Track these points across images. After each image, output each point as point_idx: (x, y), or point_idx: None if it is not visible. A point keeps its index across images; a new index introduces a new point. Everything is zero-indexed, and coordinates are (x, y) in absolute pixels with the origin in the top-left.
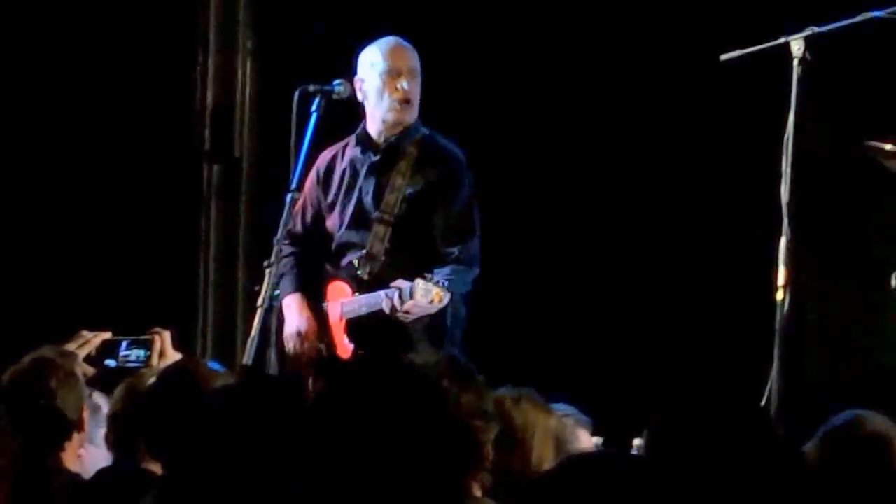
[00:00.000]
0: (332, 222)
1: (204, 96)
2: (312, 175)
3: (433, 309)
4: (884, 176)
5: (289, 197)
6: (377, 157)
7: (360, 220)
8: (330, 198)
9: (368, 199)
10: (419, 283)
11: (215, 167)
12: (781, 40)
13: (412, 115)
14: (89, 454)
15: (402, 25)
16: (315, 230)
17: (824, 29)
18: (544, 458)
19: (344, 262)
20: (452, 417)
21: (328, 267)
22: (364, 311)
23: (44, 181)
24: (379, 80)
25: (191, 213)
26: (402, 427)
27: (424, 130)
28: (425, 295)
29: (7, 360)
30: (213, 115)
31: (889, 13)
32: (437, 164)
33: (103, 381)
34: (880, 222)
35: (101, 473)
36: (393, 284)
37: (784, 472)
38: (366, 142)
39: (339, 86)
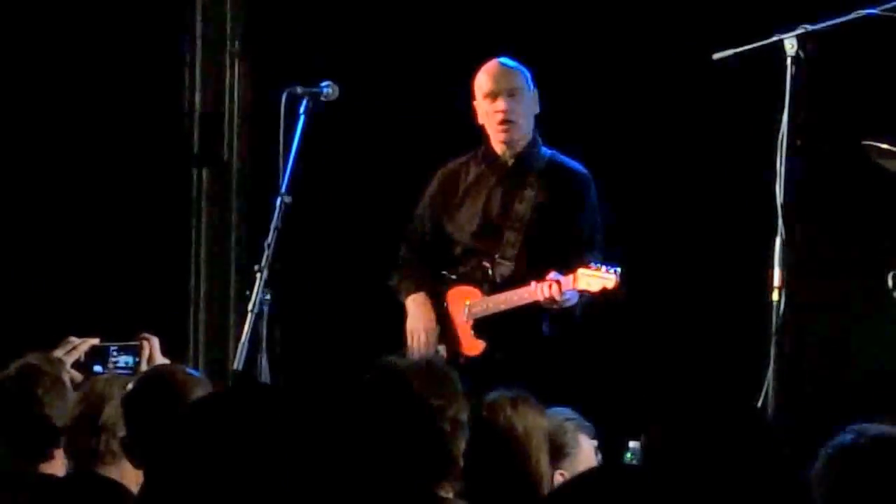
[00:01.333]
0: (454, 231)
1: (192, 100)
2: (432, 189)
3: (573, 300)
4: (880, 175)
5: (279, 200)
6: (504, 173)
7: (487, 230)
8: (452, 209)
9: (496, 211)
10: (581, 272)
11: (204, 171)
12: (775, 39)
13: (518, 132)
14: None
15: (390, 26)
16: (434, 240)
17: (818, 27)
18: (542, 461)
19: (469, 267)
20: (423, 422)
21: (446, 273)
22: (503, 307)
23: (33, 186)
24: (483, 102)
25: (181, 217)
26: (372, 430)
27: (548, 151)
28: (591, 281)
29: None
30: (202, 118)
31: (883, 11)
32: (565, 180)
33: None
34: (876, 222)
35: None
36: (549, 277)
37: (781, 481)
38: (491, 159)
39: (326, 88)
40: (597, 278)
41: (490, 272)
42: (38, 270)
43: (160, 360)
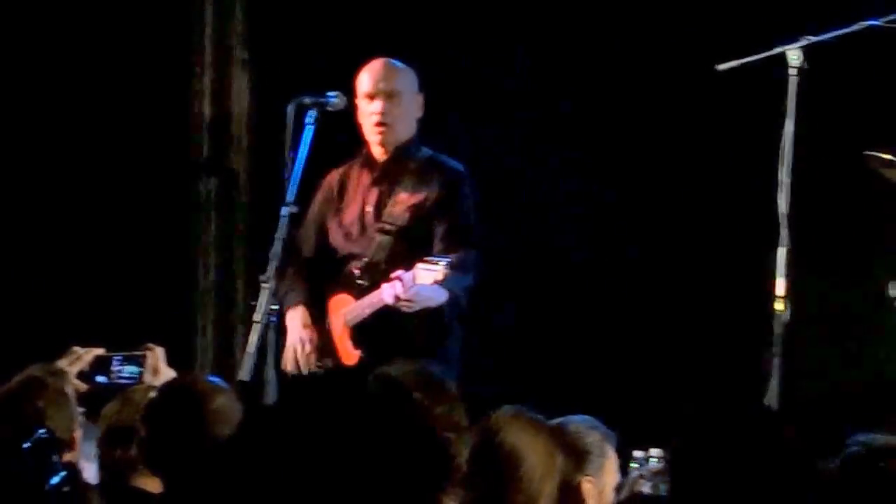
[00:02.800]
0: (334, 239)
1: (200, 109)
2: (318, 196)
3: (435, 297)
4: (882, 185)
5: (285, 210)
6: (378, 174)
7: (361, 233)
8: (336, 214)
9: (370, 213)
10: (419, 266)
11: (212, 180)
12: (778, 50)
13: (394, 135)
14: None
15: (397, 37)
16: (320, 251)
17: (821, 38)
18: (537, 480)
19: (344, 272)
20: (424, 430)
21: (328, 284)
22: (368, 312)
23: (40, 194)
24: (361, 102)
25: (188, 226)
26: (374, 440)
27: (427, 151)
28: (428, 275)
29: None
30: (210, 127)
31: (886, 22)
32: (440, 178)
33: (95, 397)
34: (879, 231)
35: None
36: (392, 276)
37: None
38: (367, 161)
39: (334, 98)
40: (429, 271)
41: (358, 277)
42: (43, 280)
43: (165, 370)
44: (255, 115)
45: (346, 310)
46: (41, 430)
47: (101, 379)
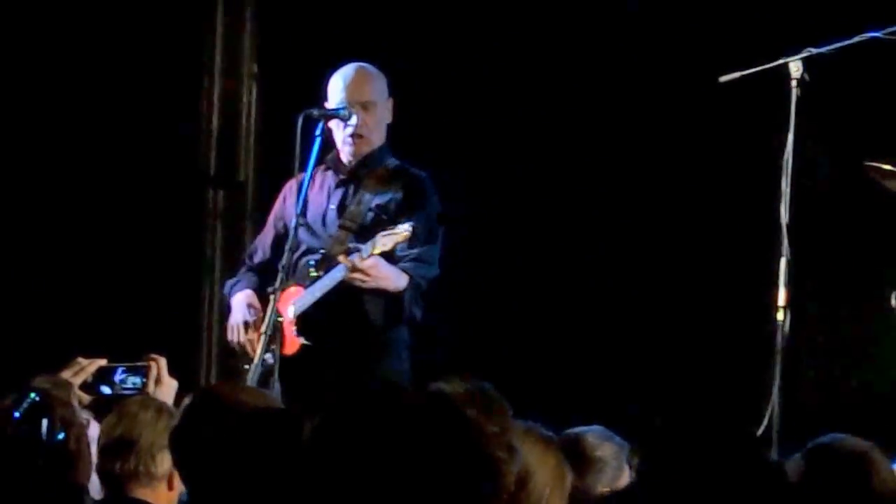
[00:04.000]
0: (298, 237)
1: (209, 121)
2: (279, 201)
3: (393, 278)
4: (883, 196)
5: (293, 222)
6: (344, 176)
7: (322, 230)
8: (299, 209)
9: (332, 211)
10: (379, 234)
11: (220, 192)
12: (780, 62)
13: (368, 146)
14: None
15: (401, 49)
16: (276, 254)
17: (822, 50)
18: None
19: (299, 265)
20: (477, 448)
21: (283, 277)
22: (318, 294)
23: (48, 205)
24: (329, 102)
25: (196, 238)
26: (424, 456)
27: (394, 161)
28: (389, 239)
29: (5, 387)
30: (218, 139)
31: (887, 34)
32: (405, 181)
33: (98, 408)
34: (880, 242)
35: None
36: (351, 245)
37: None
38: (335, 165)
39: (342, 110)
40: (391, 235)
41: (313, 268)
42: (48, 290)
43: (168, 381)
44: (263, 127)
45: (295, 298)
46: (32, 394)
47: (104, 389)
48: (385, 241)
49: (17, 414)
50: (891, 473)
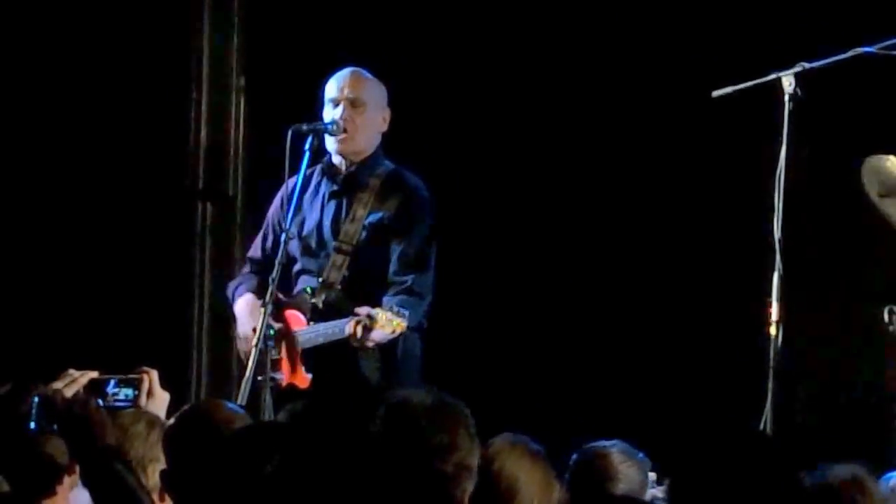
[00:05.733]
0: (292, 249)
1: (197, 135)
2: (276, 201)
3: (389, 337)
4: (875, 212)
5: (283, 236)
6: (337, 187)
7: (318, 248)
8: (289, 224)
9: (327, 228)
10: (380, 312)
11: (209, 205)
12: (773, 76)
13: (354, 145)
14: (76, 496)
15: (395, 64)
16: (274, 256)
17: (815, 65)
18: None
19: (297, 289)
20: (422, 462)
21: (280, 295)
22: (321, 340)
23: (37, 219)
24: (327, 107)
25: (185, 252)
26: (374, 467)
27: (389, 165)
28: (387, 325)
29: None
30: (207, 153)
31: (880, 49)
32: (399, 196)
33: None
34: (872, 257)
35: None
36: (358, 311)
37: None
38: (329, 170)
39: (331, 124)
40: (388, 321)
41: (312, 296)
42: (39, 302)
43: (160, 393)
44: (251, 141)
45: (299, 331)
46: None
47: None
48: (385, 324)
49: (33, 425)
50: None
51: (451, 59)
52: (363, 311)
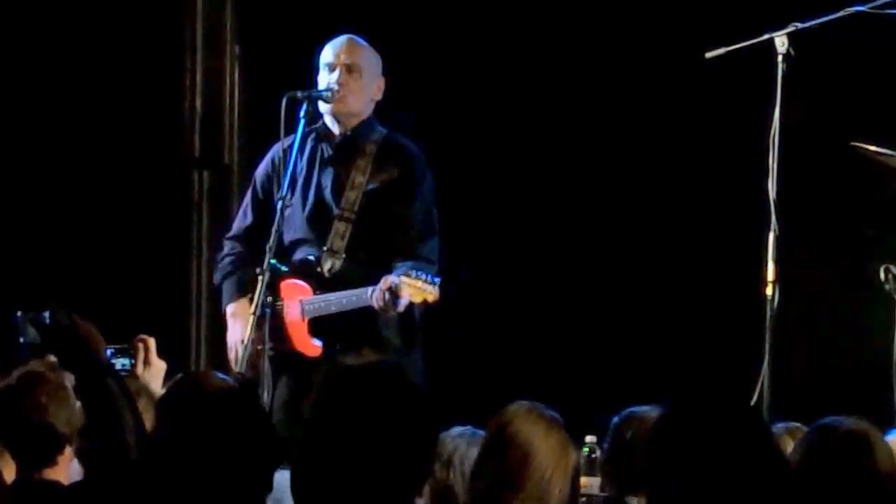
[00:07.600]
0: (287, 215)
1: (193, 103)
2: (267, 165)
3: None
4: (870, 170)
5: (279, 203)
6: (332, 152)
7: (319, 216)
8: (285, 191)
9: (328, 195)
10: (404, 280)
11: (205, 174)
12: (765, 37)
13: (348, 107)
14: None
15: (388, 31)
16: (264, 223)
17: (807, 25)
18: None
19: (297, 258)
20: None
21: (276, 264)
22: (333, 309)
23: (32, 189)
24: (322, 73)
25: (181, 220)
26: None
27: (383, 130)
28: (416, 294)
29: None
30: (202, 121)
31: (871, 7)
32: (397, 161)
33: None
34: (868, 216)
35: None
36: (384, 281)
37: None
38: (324, 134)
39: (326, 91)
40: (418, 290)
41: (319, 267)
42: (37, 273)
43: (157, 362)
44: (247, 109)
45: (305, 300)
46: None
47: None
48: (412, 293)
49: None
50: (888, 454)
51: (447, 28)
52: (388, 281)
